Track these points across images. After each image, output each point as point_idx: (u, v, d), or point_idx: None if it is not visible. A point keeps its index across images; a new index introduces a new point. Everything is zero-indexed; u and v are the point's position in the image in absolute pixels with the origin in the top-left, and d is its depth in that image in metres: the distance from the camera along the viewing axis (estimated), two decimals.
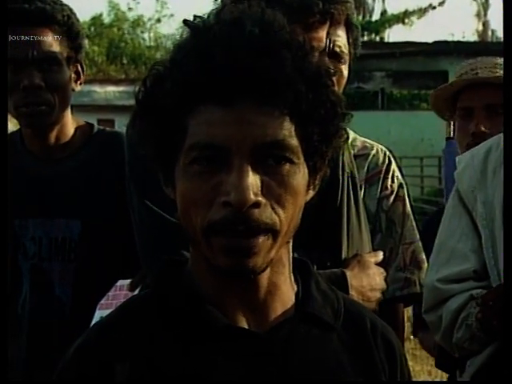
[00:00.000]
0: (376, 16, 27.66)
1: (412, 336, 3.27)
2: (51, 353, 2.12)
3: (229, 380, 1.11)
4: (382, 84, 16.65)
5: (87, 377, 1.11)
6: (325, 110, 1.13)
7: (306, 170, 1.14)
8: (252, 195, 1.06)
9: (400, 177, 2.15)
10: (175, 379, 1.11)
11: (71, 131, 2.25)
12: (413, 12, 27.77)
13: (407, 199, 2.15)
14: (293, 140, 1.10)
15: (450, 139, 2.39)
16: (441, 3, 29.33)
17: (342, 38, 2.08)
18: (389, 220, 2.08)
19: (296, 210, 1.12)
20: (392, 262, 2.02)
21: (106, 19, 27.82)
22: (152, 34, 28.14)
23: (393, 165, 2.14)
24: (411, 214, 2.13)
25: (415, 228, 2.13)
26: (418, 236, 2.13)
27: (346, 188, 1.84)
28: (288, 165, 1.10)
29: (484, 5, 31.16)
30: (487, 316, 1.81)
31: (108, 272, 2.15)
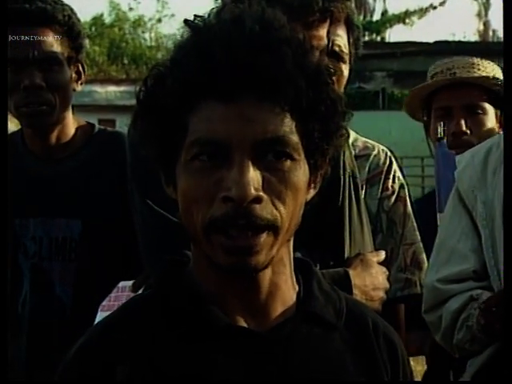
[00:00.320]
0: (377, 16, 27.65)
1: None
2: (51, 353, 2.12)
3: (229, 379, 1.11)
4: (383, 84, 16.62)
5: (89, 377, 1.11)
6: (325, 107, 1.13)
7: (307, 167, 1.14)
8: (253, 190, 1.07)
9: (401, 177, 2.15)
10: (176, 378, 1.11)
11: (72, 131, 2.25)
12: (414, 12, 27.75)
13: (408, 200, 2.15)
14: (293, 136, 1.11)
15: (441, 139, 2.39)
16: (442, 3, 29.32)
17: (343, 38, 2.08)
18: (390, 220, 2.08)
19: (297, 207, 1.13)
20: (393, 263, 2.02)
21: (107, 19, 27.82)
22: (153, 34, 28.14)
23: (394, 165, 2.14)
24: (412, 215, 2.13)
25: (416, 228, 2.13)
26: (419, 237, 2.13)
27: (348, 188, 1.84)
28: (289, 161, 1.11)
29: (485, 5, 31.15)
30: (490, 322, 1.81)
31: (108, 272, 2.15)
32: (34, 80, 2.11)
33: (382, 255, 1.91)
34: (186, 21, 1.16)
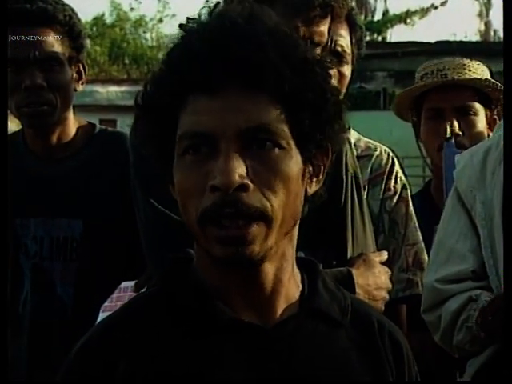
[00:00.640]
0: (378, 16, 27.65)
1: None
2: (52, 352, 2.13)
3: (233, 374, 1.11)
4: (384, 84, 16.62)
5: (91, 376, 1.11)
6: (313, 95, 1.12)
7: (300, 158, 1.13)
8: (237, 177, 1.07)
9: (403, 178, 2.15)
10: (181, 374, 1.11)
11: (73, 131, 2.26)
12: (415, 12, 27.75)
13: (410, 200, 2.14)
14: (280, 125, 1.10)
15: (450, 139, 2.38)
16: (443, 3, 29.32)
17: (345, 38, 2.08)
18: (392, 221, 2.08)
19: (290, 197, 1.12)
20: (395, 263, 2.02)
21: (108, 19, 27.83)
22: (154, 34, 28.13)
23: (396, 166, 2.14)
24: (414, 215, 2.13)
25: (418, 229, 2.12)
26: (421, 237, 2.13)
27: (350, 188, 1.84)
28: (276, 149, 1.10)
29: (486, 5, 31.13)
30: (489, 332, 1.81)
31: (109, 272, 2.16)
32: (35, 80, 2.12)
33: (385, 255, 1.90)
34: (181, 25, 1.17)
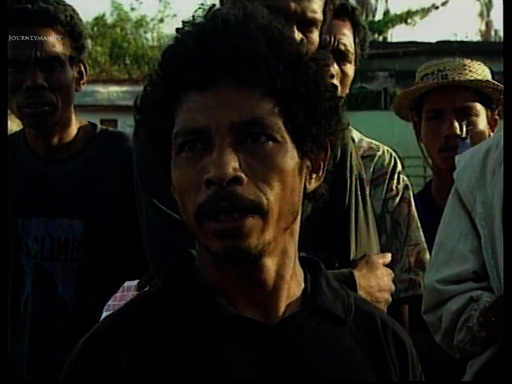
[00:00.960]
0: (379, 16, 27.60)
1: None
2: (53, 352, 2.13)
3: (237, 371, 1.11)
4: (385, 84, 16.62)
5: (94, 371, 1.11)
6: (306, 89, 1.13)
7: (296, 152, 1.14)
8: (230, 169, 1.07)
9: (406, 178, 2.15)
10: (183, 370, 1.11)
11: (74, 131, 2.26)
12: (416, 12, 27.71)
13: (412, 200, 2.14)
14: (274, 118, 1.11)
15: (465, 139, 2.37)
16: (444, 3, 29.27)
17: (348, 37, 2.08)
18: (394, 221, 2.08)
19: (286, 191, 1.12)
20: (397, 264, 2.01)
21: (109, 19, 27.81)
22: (155, 34, 28.11)
23: (398, 166, 2.14)
24: (416, 216, 2.13)
25: (420, 229, 2.12)
26: (423, 238, 2.12)
27: (354, 189, 1.84)
28: (271, 143, 1.11)
29: (487, 5, 31.09)
30: (491, 333, 1.81)
31: (110, 272, 2.16)
32: (37, 80, 2.12)
33: (389, 257, 1.90)
34: (177, 29, 1.18)
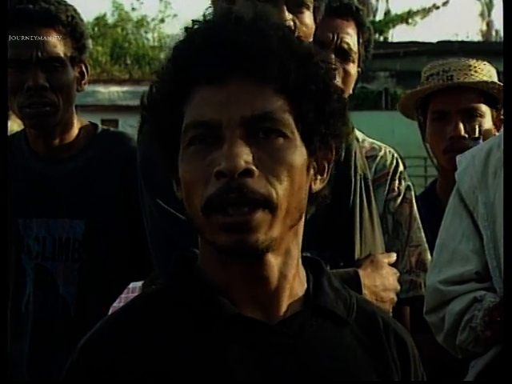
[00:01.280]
0: (380, 16, 27.59)
1: None
2: (54, 352, 2.13)
3: (239, 370, 1.11)
4: (386, 84, 16.63)
5: (95, 369, 1.11)
6: (317, 88, 1.13)
7: (305, 150, 1.14)
8: (242, 162, 1.07)
9: (407, 178, 2.15)
10: (185, 370, 1.11)
11: (75, 131, 2.26)
12: (416, 12, 27.69)
13: (414, 201, 2.14)
14: (284, 114, 1.11)
15: (478, 139, 2.37)
16: (444, 3, 29.27)
17: (352, 36, 2.08)
18: (395, 222, 2.07)
19: (294, 187, 1.12)
20: (398, 264, 2.01)
21: (110, 19, 27.82)
22: (156, 34, 28.12)
23: (400, 167, 2.14)
24: (418, 216, 2.12)
25: (422, 230, 2.12)
26: (425, 238, 2.12)
27: (359, 189, 1.84)
28: (281, 139, 1.11)
29: (488, 5, 31.08)
30: (496, 332, 1.81)
31: (111, 272, 2.16)
32: (38, 81, 2.12)
33: (394, 256, 1.89)
34: (186, 28, 1.18)
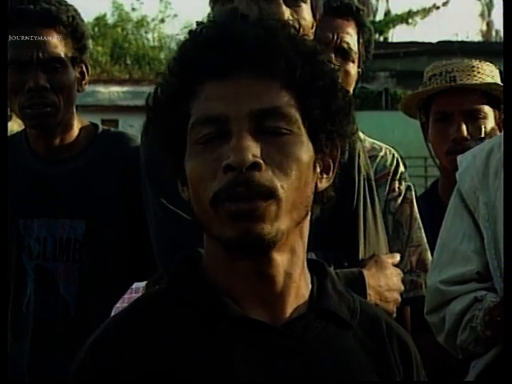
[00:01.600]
0: (380, 16, 27.58)
1: None
2: (54, 352, 2.13)
3: (243, 371, 1.11)
4: (386, 84, 16.63)
5: (102, 370, 1.11)
6: (323, 85, 1.14)
7: (311, 146, 1.15)
8: (250, 155, 1.08)
9: (408, 179, 2.15)
10: (188, 370, 1.11)
11: (76, 132, 2.26)
12: (417, 12, 27.67)
13: (415, 201, 2.14)
14: (291, 110, 1.12)
15: (483, 140, 2.37)
16: (445, 3, 29.25)
17: (352, 36, 2.08)
18: (396, 222, 2.07)
19: (301, 182, 1.13)
20: (399, 265, 2.01)
21: (110, 19, 27.82)
22: (156, 35, 28.13)
23: (401, 167, 2.14)
24: (418, 216, 2.12)
25: (422, 230, 2.12)
26: (425, 239, 2.12)
27: (363, 189, 1.84)
28: (288, 134, 1.12)
29: (488, 5, 31.07)
30: (496, 332, 1.81)
31: (112, 272, 2.16)
32: (39, 81, 2.12)
33: (397, 257, 1.90)
34: (190, 30, 1.19)
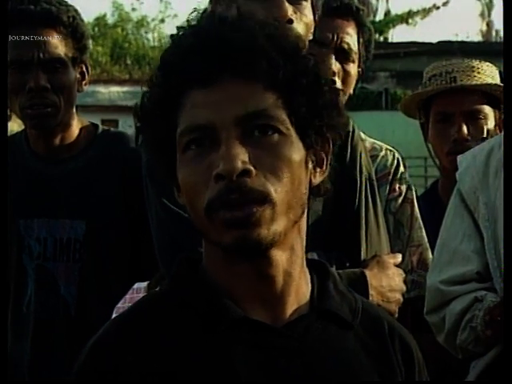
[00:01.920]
0: (380, 16, 27.60)
1: None
2: (55, 352, 2.13)
3: (244, 373, 1.11)
4: (386, 84, 16.65)
5: (103, 372, 1.11)
6: (307, 81, 1.14)
7: (301, 145, 1.14)
8: (240, 163, 1.08)
9: (408, 179, 2.15)
10: (189, 372, 1.11)
11: (76, 132, 2.26)
12: (417, 12, 27.69)
13: (415, 201, 2.14)
14: (278, 110, 1.12)
15: (485, 140, 2.37)
16: (445, 3, 29.27)
17: (352, 36, 2.07)
18: (397, 222, 2.07)
19: (294, 182, 1.12)
20: (399, 265, 2.01)
21: (110, 19, 27.86)
22: (156, 35, 28.16)
23: (401, 167, 2.14)
24: (419, 216, 2.12)
25: (423, 230, 2.12)
26: (426, 238, 2.12)
27: (364, 190, 1.83)
28: (276, 135, 1.11)
29: (488, 5, 31.09)
30: (497, 332, 1.81)
31: (112, 272, 2.16)
32: (39, 82, 2.12)
33: (399, 257, 1.89)
34: (171, 35, 1.18)
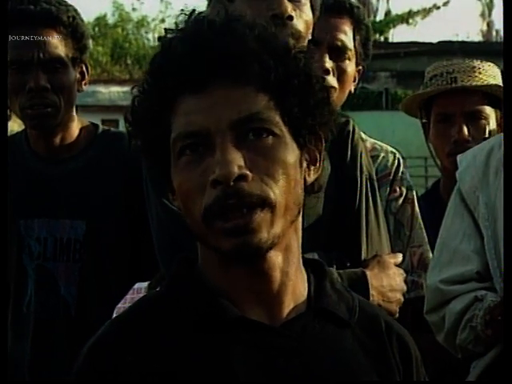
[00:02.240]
0: (380, 16, 27.58)
1: None
2: (55, 352, 2.13)
3: (242, 372, 1.11)
4: (387, 84, 16.62)
5: (102, 372, 1.11)
6: (298, 81, 1.14)
7: (296, 145, 1.15)
8: (236, 168, 1.08)
9: (409, 179, 2.15)
10: (187, 372, 1.11)
11: (76, 132, 2.26)
12: (417, 12, 27.68)
13: (416, 201, 2.14)
14: (270, 112, 1.12)
15: (486, 139, 2.36)
16: (445, 3, 29.26)
17: (346, 34, 2.07)
18: (397, 222, 2.07)
19: (290, 183, 1.13)
20: (400, 265, 2.01)
21: (110, 19, 27.89)
22: (156, 35, 28.16)
23: (402, 167, 2.14)
24: (420, 217, 2.12)
25: (423, 230, 2.11)
26: (427, 239, 2.12)
27: (365, 190, 1.84)
28: (271, 137, 1.12)
29: (488, 5, 31.09)
30: (497, 332, 1.81)
31: (112, 272, 2.16)
32: (39, 82, 2.12)
33: (400, 257, 1.89)
34: (159, 37, 1.18)
